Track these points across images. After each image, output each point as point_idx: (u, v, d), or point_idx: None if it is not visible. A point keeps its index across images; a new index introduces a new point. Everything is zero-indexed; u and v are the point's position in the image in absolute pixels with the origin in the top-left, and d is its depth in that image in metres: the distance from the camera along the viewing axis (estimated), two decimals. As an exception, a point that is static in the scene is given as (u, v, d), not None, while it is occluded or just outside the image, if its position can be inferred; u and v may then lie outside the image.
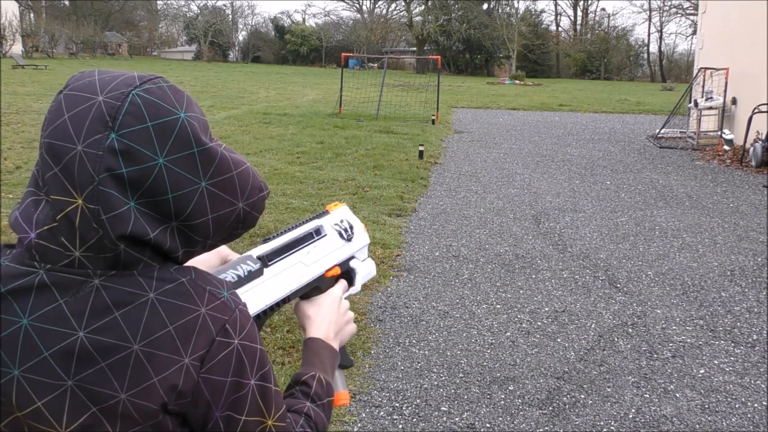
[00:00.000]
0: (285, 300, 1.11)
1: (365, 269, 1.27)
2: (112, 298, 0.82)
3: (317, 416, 1.02)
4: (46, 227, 0.82)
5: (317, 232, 1.19)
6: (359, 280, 1.26)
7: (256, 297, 1.05)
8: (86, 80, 0.84)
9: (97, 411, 0.81)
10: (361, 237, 1.28)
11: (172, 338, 0.82)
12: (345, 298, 1.22)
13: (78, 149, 0.80)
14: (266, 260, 1.08)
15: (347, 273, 1.24)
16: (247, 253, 1.08)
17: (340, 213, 1.26)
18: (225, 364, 0.85)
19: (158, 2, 69.73)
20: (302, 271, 1.13)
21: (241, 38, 68.83)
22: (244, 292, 1.02)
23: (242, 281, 1.03)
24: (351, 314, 1.21)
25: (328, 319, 1.15)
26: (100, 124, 0.80)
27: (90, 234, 0.81)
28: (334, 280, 1.21)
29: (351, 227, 1.26)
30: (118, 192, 0.80)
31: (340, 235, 1.23)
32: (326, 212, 1.25)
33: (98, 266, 0.83)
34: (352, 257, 1.25)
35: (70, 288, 0.82)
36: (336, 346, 1.15)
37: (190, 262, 1.00)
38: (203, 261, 1.13)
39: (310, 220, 1.21)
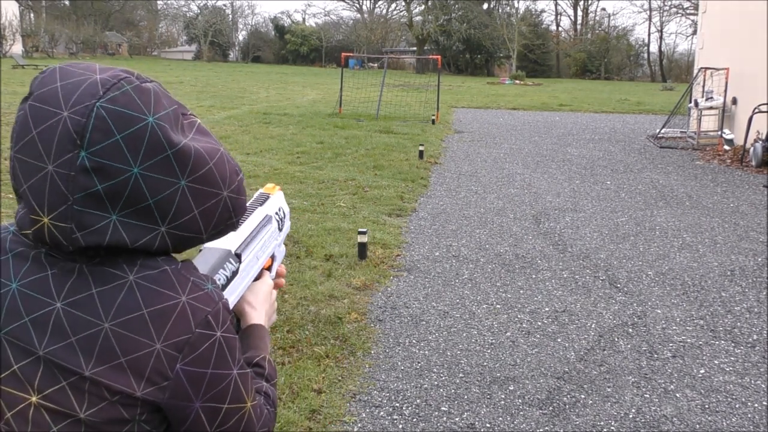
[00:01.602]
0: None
1: (281, 255, 1.29)
2: (93, 276, 0.84)
3: (273, 394, 1.06)
4: (25, 231, 0.84)
5: (267, 222, 1.20)
6: (275, 267, 1.27)
7: (232, 296, 1.08)
8: (49, 88, 0.82)
9: (66, 385, 0.83)
10: (288, 225, 1.30)
11: (144, 322, 0.83)
12: None
13: (49, 169, 0.79)
14: (240, 257, 1.10)
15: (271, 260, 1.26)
16: (227, 248, 1.09)
17: (277, 200, 1.27)
18: (206, 356, 0.86)
19: (158, 2, 69.75)
20: (257, 265, 1.16)
21: (241, 38, 68.84)
22: (227, 293, 1.05)
23: (228, 282, 1.06)
24: (276, 304, 1.25)
25: (264, 307, 1.18)
26: (68, 143, 0.79)
27: (62, 247, 0.83)
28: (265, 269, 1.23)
29: (285, 216, 1.27)
30: (96, 209, 0.81)
31: (278, 224, 1.25)
32: (267, 196, 1.25)
33: (83, 256, 0.85)
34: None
35: (58, 264, 0.85)
36: None
37: None
38: None
39: (257, 206, 1.22)
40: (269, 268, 1.24)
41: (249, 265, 1.13)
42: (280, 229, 1.26)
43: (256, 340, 1.11)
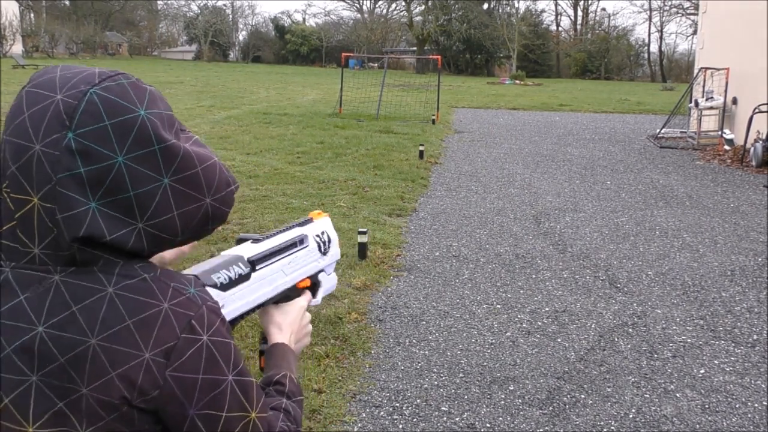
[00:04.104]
0: (261, 305, 1.13)
1: (329, 283, 1.30)
2: (71, 293, 0.83)
3: (295, 411, 1.04)
4: (7, 225, 0.83)
5: (301, 241, 1.21)
6: (321, 293, 1.28)
7: (240, 300, 1.06)
8: (48, 77, 0.85)
9: (63, 405, 0.82)
10: (335, 252, 1.30)
11: (130, 333, 0.82)
12: (306, 310, 1.25)
13: (36, 148, 0.80)
14: (255, 265, 1.09)
15: (313, 285, 1.26)
16: (239, 254, 1.09)
17: (322, 224, 1.28)
18: (194, 361, 0.85)
19: (158, 2, 69.76)
20: (282, 280, 1.16)
21: (241, 38, 68.82)
22: (231, 294, 1.04)
23: (232, 283, 1.04)
24: (310, 327, 1.25)
25: (292, 328, 1.18)
26: (57, 124, 0.80)
27: (46, 232, 0.82)
28: (302, 290, 1.23)
29: (329, 241, 1.28)
30: (77, 192, 0.81)
31: (319, 247, 1.25)
32: (310, 220, 1.26)
33: (58, 263, 0.84)
34: (322, 270, 1.27)
35: (31, 284, 0.83)
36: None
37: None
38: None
39: (295, 226, 1.22)
40: (314, 293, 1.25)
41: (269, 276, 1.12)
42: (323, 253, 1.25)
43: (277, 359, 1.11)
